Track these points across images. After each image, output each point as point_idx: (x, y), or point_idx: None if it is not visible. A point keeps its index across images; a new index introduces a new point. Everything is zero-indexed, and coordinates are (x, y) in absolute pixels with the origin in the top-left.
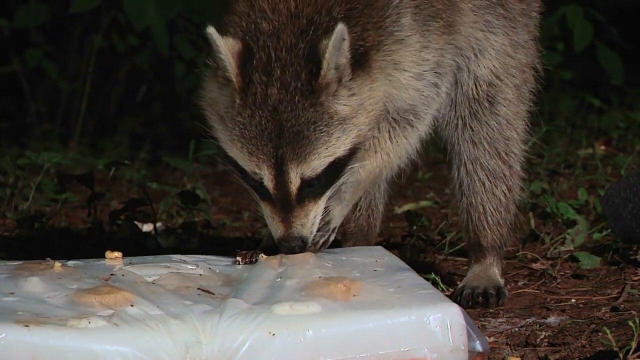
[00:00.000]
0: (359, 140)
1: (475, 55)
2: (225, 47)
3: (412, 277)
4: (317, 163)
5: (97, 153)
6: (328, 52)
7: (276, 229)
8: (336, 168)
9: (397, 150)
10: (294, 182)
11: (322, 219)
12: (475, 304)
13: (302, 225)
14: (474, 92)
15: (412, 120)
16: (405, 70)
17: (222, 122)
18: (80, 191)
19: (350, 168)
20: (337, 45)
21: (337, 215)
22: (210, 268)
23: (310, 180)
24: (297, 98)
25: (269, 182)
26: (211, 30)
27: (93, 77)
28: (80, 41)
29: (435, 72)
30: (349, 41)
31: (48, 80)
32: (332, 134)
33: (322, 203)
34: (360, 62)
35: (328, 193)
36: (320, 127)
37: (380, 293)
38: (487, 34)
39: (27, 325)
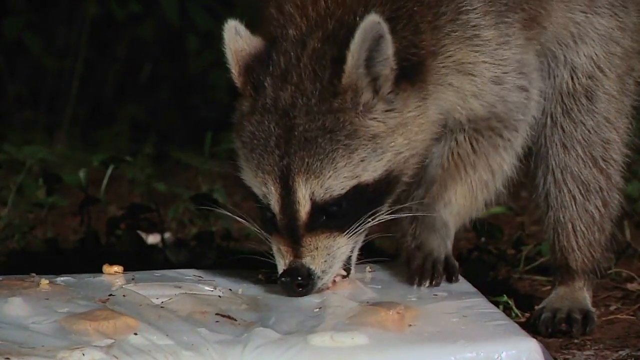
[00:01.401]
0: (395, 167)
1: (574, 41)
2: (232, 44)
3: (481, 303)
4: (334, 183)
5: (91, 147)
6: (353, 45)
7: (280, 262)
8: (364, 198)
9: (486, 164)
10: (303, 204)
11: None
12: (557, 331)
13: (311, 257)
14: (570, 85)
15: (497, 128)
16: (474, 75)
17: (240, 142)
18: (71, 194)
19: (389, 205)
20: (364, 38)
21: (435, 246)
22: (230, 289)
23: (324, 205)
24: (313, 100)
25: (275, 203)
26: (229, 25)
27: (86, 52)
28: (70, 8)
29: (520, 73)
30: (393, 44)
31: (30, 56)
32: (354, 150)
33: (342, 241)
34: (411, 74)
35: (354, 234)
36: (339, 138)
37: (442, 323)
38: (589, 16)
39: (7, 358)
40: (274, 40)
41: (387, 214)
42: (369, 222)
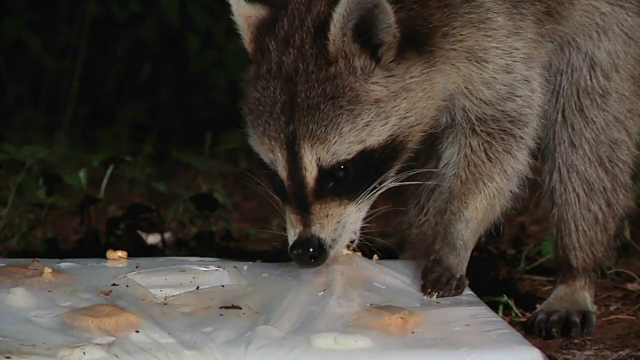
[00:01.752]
0: (400, 132)
1: (597, 33)
2: (238, 8)
3: (484, 312)
4: (340, 148)
5: (92, 147)
6: (335, 14)
7: (290, 231)
8: (371, 163)
9: (502, 171)
10: (310, 169)
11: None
12: (550, 336)
13: (320, 225)
14: (587, 81)
15: (510, 129)
16: (486, 61)
17: (247, 110)
18: (71, 194)
19: (400, 172)
20: (347, 6)
21: (454, 264)
22: (235, 267)
23: (331, 169)
24: (310, 67)
25: (282, 169)
26: None
27: (86, 52)
28: (70, 8)
29: (526, 65)
30: (396, 13)
31: (30, 56)
32: (358, 115)
33: (351, 209)
34: (418, 43)
35: (363, 199)
36: (341, 104)
37: (444, 330)
38: (615, 8)
39: (8, 357)
40: (281, 6)
41: (395, 182)
42: (377, 188)
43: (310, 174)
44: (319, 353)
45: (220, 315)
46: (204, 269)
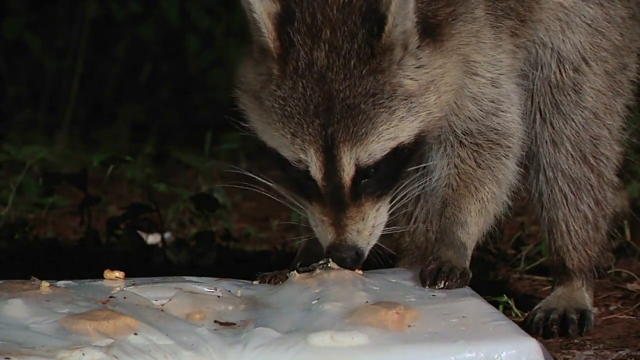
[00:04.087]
0: (427, 126)
1: (562, 27)
2: (260, 5)
3: (480, 304)
4: (376, 147)
5: (91, 147)
6: (394, 4)
7: (325, 234)
8: (398, 159)
9: (493, 177)
10: (347, 170)
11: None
12: (549, 334)
13: (357, 231)
14: (558, 77)
15: (496, 139)
16: (477, 74)
17: (259, 104)
18: (71, 194)
19: (416, 169)
20: None
21: (454, 257)
22: (230, 291)
23: (366, 169)
24: (352, 63)
25: (316, 170)
26: None
27: (86, 52)
28: (70, 8)
29: (509, 77)
30: (415, 3)
31: (30, 56)
32: (395, 111)
33: (383, 207)
34: (431, 32)
35: (390, 194)
36: (381, 101)
37: (441, 323)
38: (577, 2)
39: (7, 358)
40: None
41: (415, 185)
42: (401, 187)
43: (348, 175)
44: (316, 351)
45: (215, 329)
46: (204, 289)
